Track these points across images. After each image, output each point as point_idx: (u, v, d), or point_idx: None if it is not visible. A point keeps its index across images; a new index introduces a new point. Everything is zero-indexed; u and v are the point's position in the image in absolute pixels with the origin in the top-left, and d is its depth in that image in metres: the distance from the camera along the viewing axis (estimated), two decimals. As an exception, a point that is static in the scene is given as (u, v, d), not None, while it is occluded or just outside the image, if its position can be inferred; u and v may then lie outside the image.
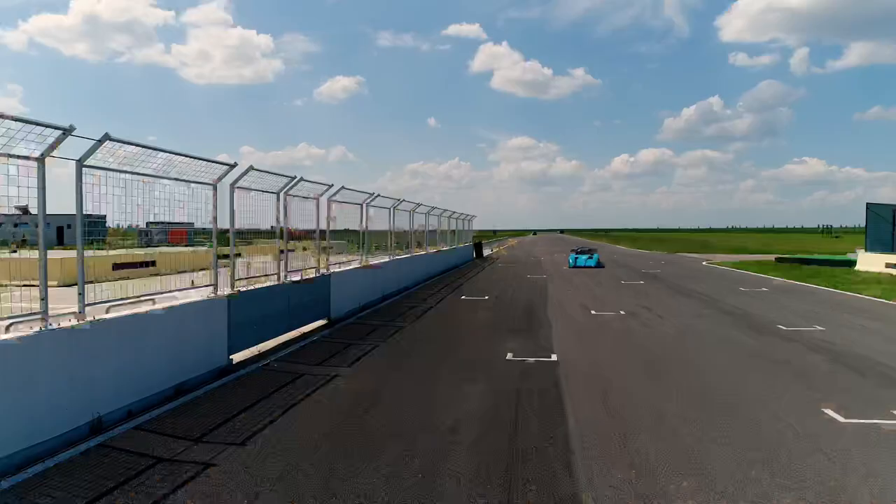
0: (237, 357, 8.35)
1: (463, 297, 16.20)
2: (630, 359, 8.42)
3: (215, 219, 8.20)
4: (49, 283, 5.93)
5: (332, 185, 12.17)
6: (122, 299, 6.63)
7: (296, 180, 10.30)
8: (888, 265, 24.02)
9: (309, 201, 11.60)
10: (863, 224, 29.25)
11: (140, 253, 22.31)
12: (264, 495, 4.12)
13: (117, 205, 6.35)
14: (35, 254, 5.37)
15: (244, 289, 8.84)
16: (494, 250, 49.49)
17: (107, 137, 5.73)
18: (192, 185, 7.65)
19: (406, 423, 5.63)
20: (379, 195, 15.64)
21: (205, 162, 7.71)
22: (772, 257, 34.45)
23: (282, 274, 10.19)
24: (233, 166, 8.17)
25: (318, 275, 11.78)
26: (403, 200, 18.75)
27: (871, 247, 27.35)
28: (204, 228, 8.47)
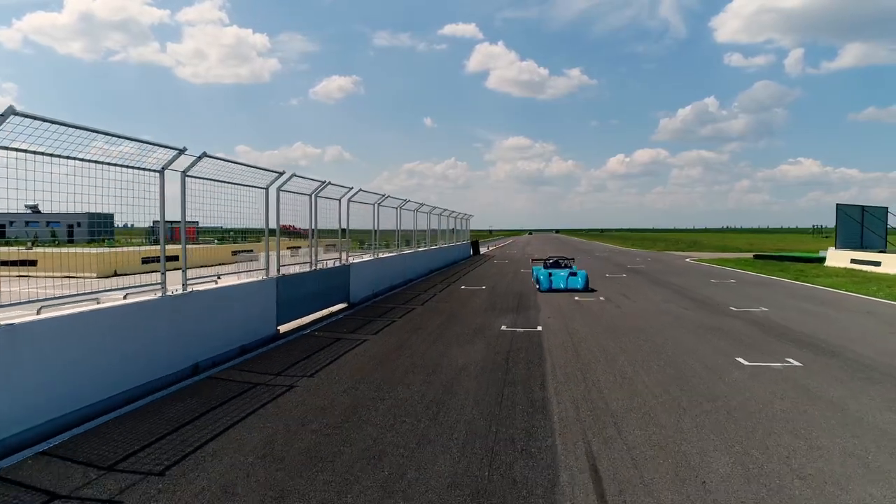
0: (282, 328, 10.34)
1: (463, 287, 18.21)
2: (600, 329, 10.44)
3: (267, 217, 10.19)
4: (88, 273, 7.75)
5: (352, 187, 14.21)
6: (198, 278, 8.60)
7: (325, 184, 12.31)
8: (853, 261, 26.17)
9: (331, 202, 13.58)
10: None
11: (167, 248, 24.38)
12: (338, 399, 6.13)
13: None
14: (57, 249, 7.31)
15: (288, 273, 10.86)
16: (490, 248, 51.53)
17: (204, 155, 7.73)
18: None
19: (427, 365, 7.64)
20: (388, 196, 17.67)
21: (258, 169, 9.70)
22: (752, 255, 36.59)
23: (313, 262, 12.19)
24: (280, 174, 10.18)
25: (340, 265, 13.79)
26: (409, 201, 20.77)
27: (841, 244, 29.42)
28: (206, 227, 10.36)
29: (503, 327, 10.62)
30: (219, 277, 9.01)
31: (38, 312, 5.57)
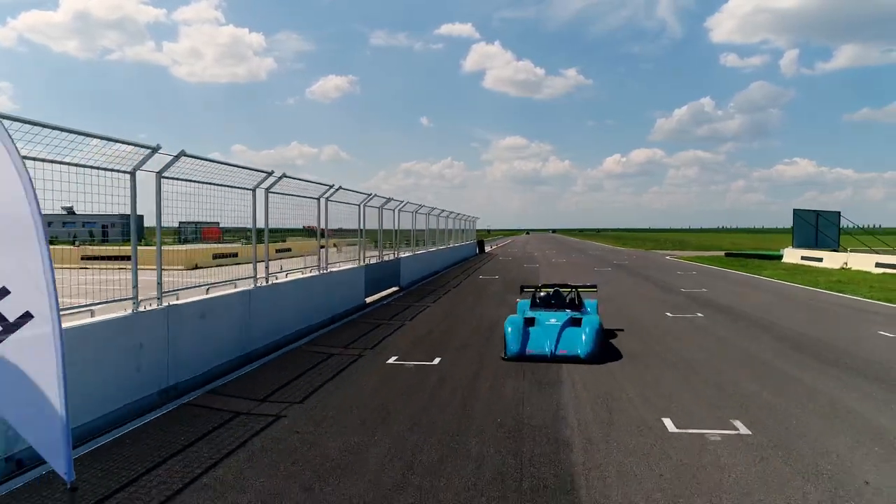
0: (367, 300, 15.18)
1: (480, 276, 23.13)
2: (584, 301, 15.30)
3: (360, 224, 15.04)
4: (178, 267, 12.31)
5: (404, 200, 19.12)
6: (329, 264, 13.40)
7: (389, 199, 17.17)
8: (802, 257, 31.18)
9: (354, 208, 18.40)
10: (848, 225, 36.47)
11: (229, 247, 29.26)
12: (434, 328, 11.02)
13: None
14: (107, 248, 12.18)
15: (371, 262, 15.73)
16: (492, 248, 56.45)
17: (340, 188, 12.56)
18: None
19: (475, 317, 12.53)
20: (423, 205, 22.59)
21: (356, 192, 14.51)
22: (724, 253, 41.62)
23: (380, 256, 17.08)
24: (369, 195, 15.02)
25: (394, 258, 18.67)
26: (435, 208, 25.70)
27: (797, 244, 34.36)
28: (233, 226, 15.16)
29: (519, 300, 15.48)
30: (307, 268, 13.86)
31: (256, 281, 10.35)
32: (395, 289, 18.43)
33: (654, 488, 4.26)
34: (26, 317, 3.12)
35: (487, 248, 51.81)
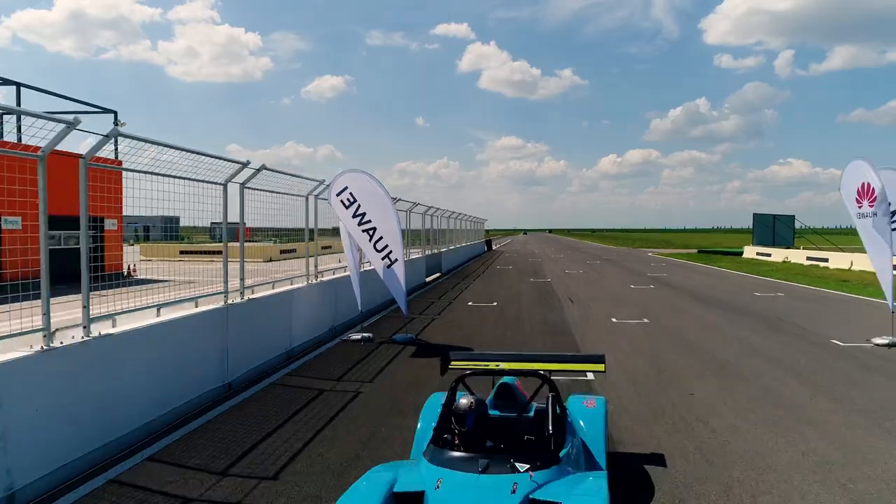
0: (427, 280, 21.78)
1: (498, 266, 29.79)
2: (578, 281, 21.95)
3: (422, 228, 21.64)
4: (258, 259, 18.96)
5: (447, 209, 25.74)
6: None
7: (435, 208, 23.81)
8: (757, 253, 37.96)
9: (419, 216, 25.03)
10: (842, 225, 43.23)
11: (289, 245, 35.79)
12: (484, 290, 17.67)
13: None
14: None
15: (427, 254, 22.39)
16: (496, 246, 63.11)
17: (418, 204, 19.17)
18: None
19: (505, 287, 19.16)
20: (453, 212, 29.21)
21: (415, 204, 21.13)
22: (697, 250, 48.48)
23: (431, 249, 23.73)
24: (423, 206, 21.64)
25: (437, 252, 25.32)
26: (457, 212, 32.33)
27: (756, 242, 41.12)
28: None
29: (531, 280, 22.17)
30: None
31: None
32: (438, 274, 25.06)
33: (603, 331, 10.93)
34: (396, 259, 9.80)
35: (494, 247, 58.45)
